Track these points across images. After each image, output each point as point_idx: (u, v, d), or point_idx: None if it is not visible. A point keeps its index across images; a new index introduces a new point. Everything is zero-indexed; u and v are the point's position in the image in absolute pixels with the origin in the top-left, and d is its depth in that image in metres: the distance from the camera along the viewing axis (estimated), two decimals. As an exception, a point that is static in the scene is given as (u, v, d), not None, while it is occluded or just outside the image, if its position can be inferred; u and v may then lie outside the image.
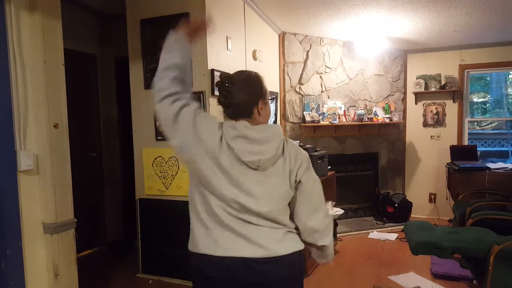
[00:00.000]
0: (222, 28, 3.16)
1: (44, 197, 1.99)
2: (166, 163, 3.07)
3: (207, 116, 1.38)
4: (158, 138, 3.11)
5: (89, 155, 4.04)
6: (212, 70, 2.95)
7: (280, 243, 1.32)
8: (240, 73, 1.40)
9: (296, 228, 1.39)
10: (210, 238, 1.30)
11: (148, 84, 3.14)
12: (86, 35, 3.93)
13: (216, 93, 2.97)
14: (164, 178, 3.09)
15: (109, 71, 4.17)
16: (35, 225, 1.98)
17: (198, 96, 2.95)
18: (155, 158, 3.11)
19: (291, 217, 1.39)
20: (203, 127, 1.31)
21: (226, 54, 3.22)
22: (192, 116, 1.32)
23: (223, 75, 1.38)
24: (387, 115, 4.94)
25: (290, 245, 1.34)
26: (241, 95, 1.33)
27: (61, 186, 2.06)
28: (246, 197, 1.28)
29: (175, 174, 3.05)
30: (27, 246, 1.96)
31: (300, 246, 1.38)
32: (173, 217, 3.07)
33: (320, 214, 1.39)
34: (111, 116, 4.19)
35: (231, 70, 3.39)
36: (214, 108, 3.01)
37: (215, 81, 2.91)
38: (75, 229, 2.15)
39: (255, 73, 1.42)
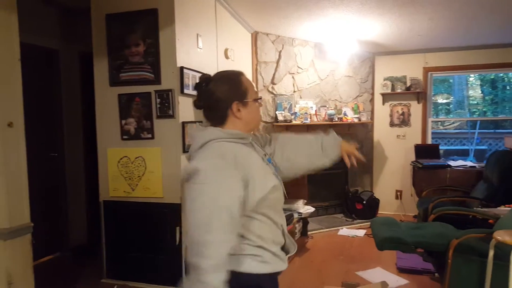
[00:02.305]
0: (192, 25, 3.10)
1: (-3, 201, 1.86)
2: (132, 163, 2.98)
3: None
4: (124, 137, 3.01)
5: (51, 155, 3.86)
6: (182, 68, 2.89)
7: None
8: (219, 72, 1.31)
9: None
10: None
11: (113, 81, 3.03)
12: (47, 29, 3.74)
13: (185, 91, 2.93)
14: (130, 179, 2.99)
15: (73, 67, 4.00)
16: (-13, 230, 1.85)
17: (167, 94, 2.88)
18: (121, 158, 3.01)
19: None
20: None
21: (196, 51, 3.16)
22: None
23: (203, 76, 1.29)
24: (356, 115, 5.05)
25: None
26: (212, 96, 1.23)
27: (16, 189, 1.94)
28: None
29: (142, 175, 2.96)
30: (-22, 253, 1.84)
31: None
32: (140, 219, 2.99)
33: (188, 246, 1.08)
34: (74, 114, 4.02)
35: (202, 68, 3.32)
36: (183, 107, 2.95)
37: (183, 80, 2.90)
38: (32, 234, 2.03)
39: (236, 71, 1.30)
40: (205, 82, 1.26)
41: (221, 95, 1.23)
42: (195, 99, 1.30)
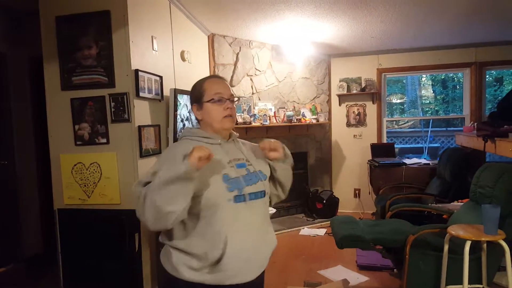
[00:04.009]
0: (146, 27, 3.05)
1: None
2: (87, 169, 2.88)
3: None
4: (78, 143, 2.90)
5: (0, 163, 3.66)
6: (136, 71, 2.83)
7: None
8: None
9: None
10: None
11: (65, 85, 2.92)
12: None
13: (141, 94, 2.88)
14: (85, 186, 2.89)
15: (22, 71, 3.81)
16: None
17: (121, 98, 2.81)
18: (75, 165, 2.90)
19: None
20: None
21: (151, 54, 3.11)
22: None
23: None
24: (314, 116, 5.17)
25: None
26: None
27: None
28: None
29: (98, 181, 2.86)
30: None
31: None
32: (97, 227, 2.89)
33: None
34: (25, 120, 3.83)
35: (157, 71, 3.27)
36: (139, 110, 2.89)
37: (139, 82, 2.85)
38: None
39: (205, 77, 1.50)
40: None
41: (190, 101, 1.51)
42: None
